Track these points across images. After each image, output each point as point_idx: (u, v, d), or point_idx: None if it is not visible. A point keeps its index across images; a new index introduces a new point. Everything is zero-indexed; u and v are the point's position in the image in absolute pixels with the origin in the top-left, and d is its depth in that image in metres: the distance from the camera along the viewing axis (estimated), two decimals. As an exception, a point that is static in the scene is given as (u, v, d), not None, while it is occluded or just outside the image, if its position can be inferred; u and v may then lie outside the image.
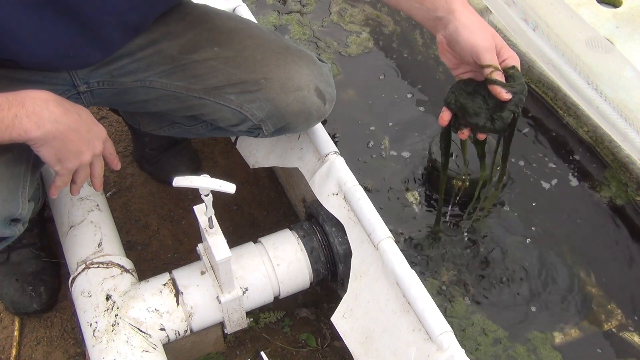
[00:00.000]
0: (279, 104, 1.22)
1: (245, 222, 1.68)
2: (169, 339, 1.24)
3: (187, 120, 1.36)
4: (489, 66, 1.05)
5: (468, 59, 1.07)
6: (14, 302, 1.46)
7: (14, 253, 1.48)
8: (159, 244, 1.63)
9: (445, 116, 1.16)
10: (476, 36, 1.04)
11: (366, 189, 1.28)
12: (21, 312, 1.47)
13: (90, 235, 1.35)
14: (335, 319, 1.23)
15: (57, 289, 1.52)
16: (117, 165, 1.15)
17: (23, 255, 1.48)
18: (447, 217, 1.42)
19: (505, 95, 1.05)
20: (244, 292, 1.26)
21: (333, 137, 1.35)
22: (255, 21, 1.53)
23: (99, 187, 1.14)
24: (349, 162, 1.30)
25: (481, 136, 1.16)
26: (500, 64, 1.06)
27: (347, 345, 1.20)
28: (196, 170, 1.72)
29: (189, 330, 1.26)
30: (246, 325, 1.33)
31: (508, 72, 1.06)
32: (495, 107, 1.09)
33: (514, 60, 1.07)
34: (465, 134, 1.16)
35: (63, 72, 1.17)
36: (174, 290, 1.24)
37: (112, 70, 1.20)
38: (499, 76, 1.05)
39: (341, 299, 1.24)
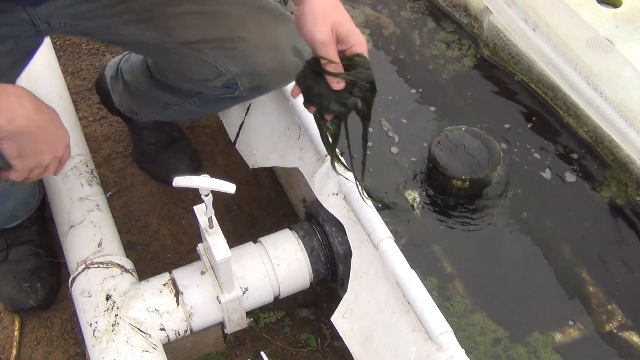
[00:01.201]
0: (256, 62, 1.21)
1: (245, 222, 1.68)
2: (169, 339, 1.24)
3: (176, 99, 1.37)
4: (323, 58, 1.04)
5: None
6: (11, 300, 1.46)
7: (13, 251, 1.48)
8: (159, 244, 1.63)
9: (295, 91, 1.14)
10: (315, 28, 1.02)
11: (366, 189, 1.28)
12: (18, 308, 1.47)
13: (90, 235, 1.35)
14: (335, 319, 1.23)
15: (55, 286, 1.51)
16: (57, 172, 1.13)
17: (21, 253, 1.48)
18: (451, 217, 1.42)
19: (335, 84, 1.05)
20: (244, 292, 1.26)
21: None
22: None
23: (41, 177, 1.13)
24: (349, 162, 1.30)
25: (327, 116, 1.14)
26: (345, 50, 1.05)
27: (347, 345, 1.20)
28: (196, 170, 1.72)
29: (189, 330, 1.26)
30: (246, 325, 1.33)
31: (352, 60, 1.05)
32: (338, 93, 1.08)
33: (360, 47, 1.05)
34: (312, 109, 1.14)
35: (22, 12, 1.14)
36: (174, 290, 1.24)
37: (74, 13, 1.17)
38: (332, 68, 1.04)
39: (341, 299, 1.24)
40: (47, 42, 1.75)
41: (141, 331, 1.20)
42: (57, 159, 1.08)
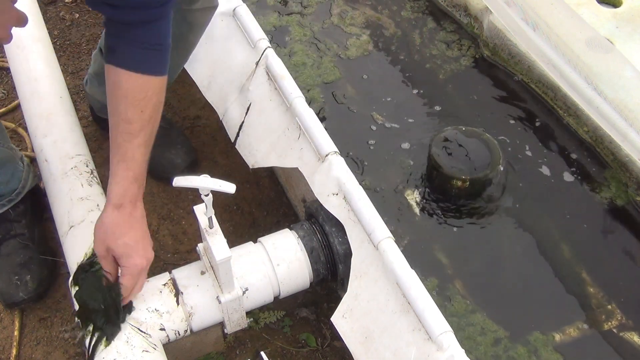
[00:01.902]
0: None
1: (245, 222, 1.68)
2: (169, 339, 1.24)
3: None
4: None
5: None
6: (3, 294, 1.46)
7: (3, 245, 1.48)
8: (159, 244, 1.63)
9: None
10: (94, 243, 1.16)
11: (366, 189, 1.28)
12: (9, 302, 1.46)
13: (90, 235, 1.35)
14: (335, 319, 1.23)
15: (46, 278, 1.51)
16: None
17: (11, 247, 1.49)
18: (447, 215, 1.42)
19: (108, 276, 1.18)
20: (244, 292, 1.26)
21: (333, 137, 1.35)
22: (254, 22, 1.54)
23: None
24: (349, 162, 1.30)
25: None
26: (120, 267, 1.17)
27: (347, 345, 1.20)
28: (192, 163, 1.72)
29: (189, 330, 1.26)
30: (246, 325, 1.33)
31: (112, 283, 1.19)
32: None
33: (126, 270, 1.16)
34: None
35: None
36: (174, 290, 1.24)
37: None
38: (105, 266, 1.17)
39: (341, 299, 1.24)
40: (47, 41, 1.75)
41: (141, 331, 1.19)
42: None
